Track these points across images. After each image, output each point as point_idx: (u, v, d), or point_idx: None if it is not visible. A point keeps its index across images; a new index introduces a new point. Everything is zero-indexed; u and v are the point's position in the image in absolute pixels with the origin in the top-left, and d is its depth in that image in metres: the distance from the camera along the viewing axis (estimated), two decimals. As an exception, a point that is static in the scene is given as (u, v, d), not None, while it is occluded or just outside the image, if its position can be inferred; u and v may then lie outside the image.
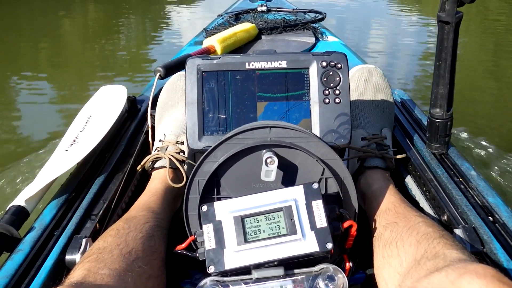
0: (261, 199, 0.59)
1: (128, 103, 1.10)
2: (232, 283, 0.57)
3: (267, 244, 0.56)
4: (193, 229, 0.64)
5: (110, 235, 0.62)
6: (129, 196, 0.86)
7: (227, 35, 1.47)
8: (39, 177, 0.79)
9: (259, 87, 0.70)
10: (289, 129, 0.63)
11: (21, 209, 0.71)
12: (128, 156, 0.91)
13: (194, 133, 0.69)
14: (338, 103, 0.70)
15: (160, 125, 0.90)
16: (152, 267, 0.60)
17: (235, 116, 0.70)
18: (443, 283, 0.45)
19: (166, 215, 0.73)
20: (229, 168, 0.63)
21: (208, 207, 0.59)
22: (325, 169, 0.62)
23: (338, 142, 0.70)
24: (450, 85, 0.81)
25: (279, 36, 1.76)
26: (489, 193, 0.73)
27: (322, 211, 0.57)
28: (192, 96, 0.70)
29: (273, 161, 0.60)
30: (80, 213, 0.72)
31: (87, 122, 0.98)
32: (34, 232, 0.67)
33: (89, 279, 0.51)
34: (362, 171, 0.82)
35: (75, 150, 0.86)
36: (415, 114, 1.05)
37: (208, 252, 0.57)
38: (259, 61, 0.70)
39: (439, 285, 0.45)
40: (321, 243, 0.56)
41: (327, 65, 0.70)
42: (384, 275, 0.59)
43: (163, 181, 0.80)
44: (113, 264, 0.55)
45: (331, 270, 0.57)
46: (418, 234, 0.58)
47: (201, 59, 0.70)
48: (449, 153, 0.87)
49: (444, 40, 0.78)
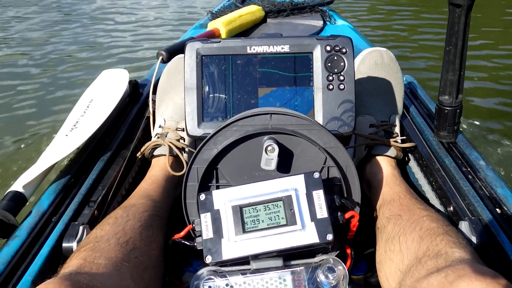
0: (261, 188, 0.57)
1: (130, 87, 1.08)
2: (230, 274, 0.56)
3: (266, 234, 0.55)
4: (191, 217, 0.63)
5: (108, 223, 0.61)
6: (129, 183, 0.84)
7: (232, 17, 1.44)
8: (38, 162, 0.78)
9: (261, 72, 0.68)
10: (290, 116, 0.61)
11: (19, 195, 0.70)
12: (129, 141, 0.90)
13: (193, 120, 0.67)
14: (342, 89, 0.68)
15: (160, 110, 0.88)
16: (150, 257, 0.59)
17: (235, 102, 0.68)
18: (442, 284, 0.44)
19: (165, 203, 0.72)
20: (229, 156, 0.62)
21: (206, 196, 0.58)
22: (327, 158, 0.60)
23: (342, 130, 0.67)
24: (460, 72, 0.78)
25: (286, 19, 1.72)
26: (498, 184, 0.71)
27: (323, 201, 0.56)
28: (191, 81, 0.68)
29: (274, 149, 0.58)
30: (79, 199, 0.71)
31: (88, 107, 0.96)
32: (31, 218, 0.67)
33: (85, 268, 0.50)
34: (369, 159, 0.80)
35: (75, 135, 0.85)
36: (424, 100, 1.02)
37: (205, 241, 0.56)
38: (261, 45, 0.67)
39: (438, 286, 0.45)
40: (321, 234, 0.54)
41: (331, 50, 0.68)
42: (385, 271, 0.58)
43: (163, 168, 0.78)
44: (109, 253, 0.54)
45: (331, 261, 0.56)
46: (422, 230, 0.56)
47: (200, 42, 0.68)
48: (457, 142, 0.84)
49: (455, 24, 0.75)
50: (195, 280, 0.55)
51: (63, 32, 3.77)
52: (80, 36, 3.61)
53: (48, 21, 4.14)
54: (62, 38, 3.56)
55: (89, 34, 3.67)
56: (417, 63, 2.75)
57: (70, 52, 3.21)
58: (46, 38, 3.57)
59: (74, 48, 3.30)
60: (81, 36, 3.63)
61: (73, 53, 3.18)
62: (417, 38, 3.26)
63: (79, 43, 3.41)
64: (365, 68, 0.87)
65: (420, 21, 3.81)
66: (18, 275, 0.58)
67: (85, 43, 3.42)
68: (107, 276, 0.50)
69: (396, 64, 0.89)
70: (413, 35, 3.38)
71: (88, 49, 3.27)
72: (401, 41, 3.21)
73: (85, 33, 3.72)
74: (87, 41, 3.47)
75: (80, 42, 3.45)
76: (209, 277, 0.55)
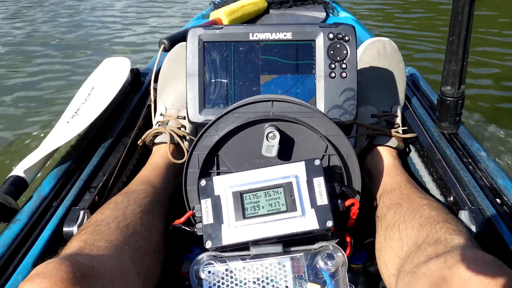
0: (261, 174, 0.57)
1: (132, 76, 1.08)
2: (230, 259, 0.56)
3: (266, 220, 0.55)
4: (192, 203, 0.63)
5: (108, 208, 0.61)
6: (130, 170, 0.85)
7: (234, 7, 1.43)
8: (40, 148, 0.78)
9: (263, 59, 0.68)
10: (292, 103, 0.61)
11: (20, 179, 0.70)
12: (130, 129, 0.90)
13: (194, 106, 0.67)
14: (345, 77, 0.67)
15: (161, 98, 0.88)
16: (150, 242, 0.59)
17: (237, 88, 0.68)
18: (441, 269, 0.44)
19: (166, 190, 0.72)
20: (230, 143, 0.61)
21: (207, 182, 0.58)
22: (328, 146, 0.60)
23: (343, 118, 0.67)
24: (463, 62, 0.78)
25: (289, 10, 1.71)
26: (499, 174, 0.71)
27: (323, 188, 0.56)
28: (193, 67, 0.67)
29: (275, 136, 0.58)
30: (80, 185, 0.72)
31: (89, 94, 0.96)
32: (32, 202, 0.67)
33: (85, 250, 0.50)
34: (370, 149, 0.80)
35: (76, 121, 0.85)
36: (426, 91, 1.01)
37: (205, 227, 0.56)
38: (263, 32, 0.67)
39: (437, 271, 0.45)
40: (321, 220, 0.54)
41: (334, 37, 0.67)
42: (384, 257, 0.58)
43: (164, 156, 0.78)
44: (109, 236, 0.54)
45: (330, 248, 0.56)
46: (422, 218, 0.56)
47: (203, 29, 0.67)
48: (459, 133, 0.84)
49: (458, 14, 0.75)
50: (195, 265, 0.55)
51: (65, 21, 3.76)
52: (82, 26, 3.61)
53: (49, 11, 4.13)
54: (64, 28, 3.55)
55: (91, 24, 3.66)
56: (420, 54, 2.73)
57: (73, 41, 3.20)
58: (47, 27, 3.56)
59: (76, 37, 3.29)
60: (83, 25, 3.62)
61: (76, 42, 3.18)
62: (420, 30, 3.24)
63: (82, 32, 3.41)
64: (367, 58, 0.87)
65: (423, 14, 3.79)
66: (19, 258, 0.58)
67: (88, 32, 3.41)
68: (107, 258, 0.50)
69: (398, 54, 0.88)
70: (416, 27, 3.36)
71: (90, 38, 3.26)
72: (404, 33, 3.18)
73: (87, 22, 3.71)
74: (90, 30, 3.47)
75: (83, 31, 3.44)
76: (209, 262, 0.55)
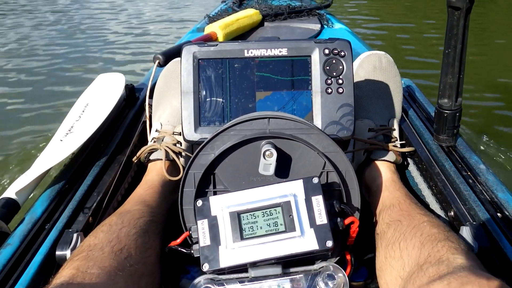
0: (259, 193, 0.56)
1: (126, 91, 1.07)
2: (228, 282, 0.55)
3: (264, 241, 0.54)
4: (188, 223, 0.61)
5: (102, 231, 0.59)
6: (125, 188, 0.83)
7: (229, 21, 1.43)
8: (32, 168, 0.77)
9: (259, 76, 0.67)
10: (289, 120, 0.60)
11: (11, 202, 0.69)
12: (125, 146, 0.88)
13: (189, 124, 0.66)
14: (341, 93, 0.67)
15: (157, 114, 0.87)
16: (145, 265, 0.58)
17: (233, 106, 0.67)
18: None
19: (162, 209, 0.71)
20: (227, 161, 0.60)
21: (203, 202, 0.57)
22: (326, 163, 0.59)
23: (341, 134, 0.66)
24: (459, 75, 0.78)
25: (284, 22, 1.72)
26: (499, 188, 0.70)
27: (322, 207, 0.54)
28: (187, 85, 0.66)
29: (272, 154, 0.57)
30: (73, 206, 0.70)
31: (83, 111, 0.95)
32: (24, 225, 0.65)
33: (77, 279, 0.49)
34: (368, 163, 0.79)
35: (70, 140, 0.83)
36: (423, 104, 1.01)
37: (202, 249, 0.54)
38: (258, 48, 0.66)
39: None
40: (321, 240, 0.53)
41: (330, 53, 0.67)
42: (386, 277, 0.57)
43: (160, 173, 0.77)
44: (103, 262, 0.52)
45: (331, 268, 0.55)
46: (422, 235, 0.55)
47: (197, 46, 0.67)
48: (457, 145, 0.83)
49: (454, 27, 0.74)
50: (192, 289, 0.54)
51: (58, 36, 3.76)
52: (76, 41, 3.61)
53: (42, 25, 4.13)
54: (57, 42, 3.54)
55: (85, 38, 3.66)
56: (416, 66, 2.75)
57: (65, 56, 3.19)
58: (40, 42, 3.56)
59: (69, 52, 3.28)
60: (77, 40, 3.62)
61: (69, 57, 3.17)
62: (415, 42, 3.27)
63: (75, 48, 3.40)
64: (363, 72, 0.86)
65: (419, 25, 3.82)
66: (10, 284, 0.56)
67: (81, 47, 3.41)
68: (100, 286, 0.48)
69: (394, 67, 0.88)
70: (412, 39, 3.38)
71: (84, 53, 3.26)
72: (399, 45, 3.21)
73: (81, 37, 3.71)
74: (83, 45, 3.46)
75: (76, 46, 3.44)
76: (206, 286, 0.54)
